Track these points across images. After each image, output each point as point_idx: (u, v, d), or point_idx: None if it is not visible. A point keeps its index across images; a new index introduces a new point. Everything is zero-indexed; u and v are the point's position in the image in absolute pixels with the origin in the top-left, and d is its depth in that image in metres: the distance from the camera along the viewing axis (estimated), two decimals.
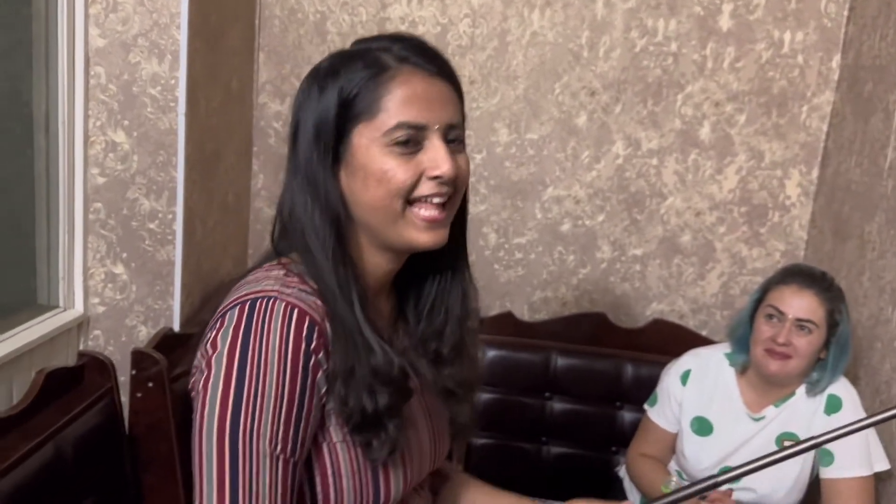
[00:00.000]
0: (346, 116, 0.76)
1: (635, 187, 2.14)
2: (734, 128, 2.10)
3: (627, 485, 1.78)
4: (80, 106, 1.65)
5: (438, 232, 0.77)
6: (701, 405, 1.61)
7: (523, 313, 2.21)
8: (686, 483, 1.00)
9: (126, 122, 1.68)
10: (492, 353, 1.99)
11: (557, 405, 2.03)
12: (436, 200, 0.76)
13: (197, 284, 1.82)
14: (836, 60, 2.04)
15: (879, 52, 1.81)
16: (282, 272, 0.76)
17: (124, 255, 1.73)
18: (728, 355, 1.62)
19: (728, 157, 2.12)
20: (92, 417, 1.36)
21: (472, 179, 2.18)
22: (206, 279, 1.89)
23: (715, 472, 1.57)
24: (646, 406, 1.70)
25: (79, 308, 1.73)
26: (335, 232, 0.76)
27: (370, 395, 0.71)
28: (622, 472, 1.84)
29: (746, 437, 1.57)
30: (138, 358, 1.44)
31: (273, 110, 2.15)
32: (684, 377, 1.63)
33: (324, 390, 0.71)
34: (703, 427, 1.60)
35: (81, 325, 1.74)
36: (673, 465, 1.68)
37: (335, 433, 0.74)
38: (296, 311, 0.71)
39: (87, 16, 1.62)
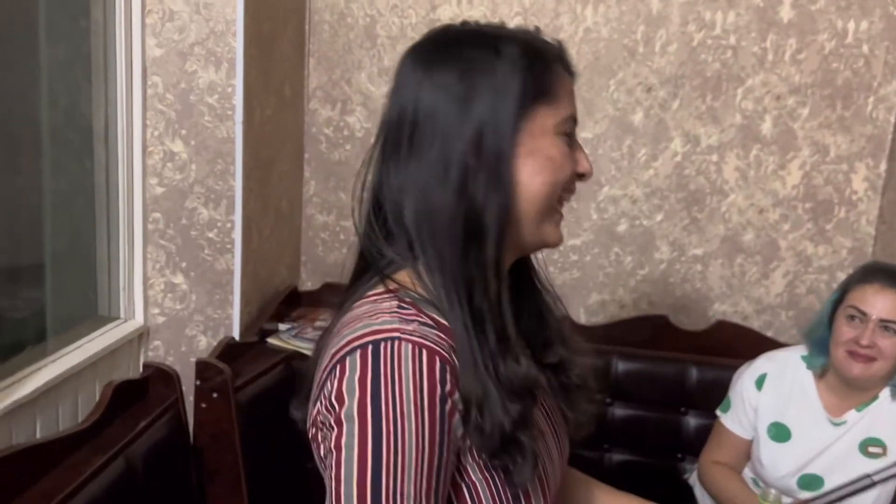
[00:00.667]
0: (533, 93, 0.69)
1: (695, 185, 2.08)
2: (797, 121, 2.03)
3: (699, 492, 1.72)
4: (139, 116, 1.65)
5: (561, 230, 0.76)
6: (778, 410, 1.55)
7: (580, 317, 2.16)
8: (778, 492, 0.94)
9: (184, 132, 1.68)
10: None
11: (619, 411, 1.97)
12: (566, 198, 0.75)
13: (254, 293, 1.81)
14: None
15: None
16: (394, 303, 0.67)
17: (183, 264, 1.73)
18: (805, 358, 1.55)
19: (791, 152, 2.04)
20: (158, 429, 1.35)
21: None
22: (263, 288, 1.87)
23: (794, 479, 1.51)
24: (718, 412, 1.64)
25: (139, 319, 1.73)
26: (500, 232, 0.68)
27: (504, 411, 0.65)
28: (692, 479, 1.78)
29: (827, 443, 1.50)
30: (202, 368, 1.43)
31: (324, 116, 2.13)
32: (759, 381, 1.57)
33: (461, 432, 0.65)
34: (780, 433, 1.54)
35: (142, 336, 1.74)
36: (748, 473, 1.62)
37: (473, 471, 0.67)
38: (424, 351, 0.63)
39: (143, 25, 1.62)
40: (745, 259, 2.10)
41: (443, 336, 0.66)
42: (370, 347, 0.63)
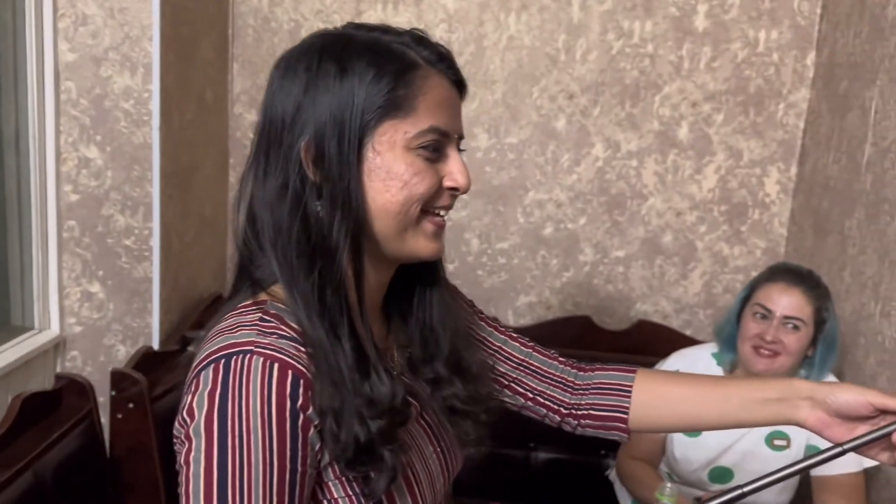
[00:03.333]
0: (378, 107, 0.68)
1: (616, 189, 2.14)
2: (712, 127, 2.11)
3: (618, 488, 1.78)
4: (51, 122, 1.62)
5: (441, 242, 0.75)
6: None
7: (508, 318, 2.21)
8: (675, 485, 0.99)
9: (99, 138, 1.66)
10: None
11: None
12: (443, 213, 0.74)
13: (176, 300, 1.79)
14: (811, 58, 2.06)
15: (854, 49, 1.84)
16: (258, 315, 0.67)
17: (100, 272, 1.70)
18: (715, 355, 1.62)
19: (707, 157, 2.13)
20: (72, 441, 1.34)
21: None
22: (185, 295, 1.86)
23: (705, 472, 1.58)
24: None
25: (55, 329, 1.69)
26: (353, 246, 0.68)
27: (361, 424, 0.65)
28: (612, 475, 1.84)
29: (736, 437, 1.58)
30: (118, 378, 1.42)
31: (249, 121, 2.12)
32: None
33: (318, 446, 0.65)
34: None
35: (58, 346, 1.71)
36: (663, 467, 1.68)
37: (335, 489, 0.68)
38: (276, 365, 0.63)
39: (55, 30, 1.60)
40: (665, 260, 2.18)
41: (303, 350, 0.66)
42: (223, 361, 0.63)
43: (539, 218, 2.17)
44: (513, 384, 0.92)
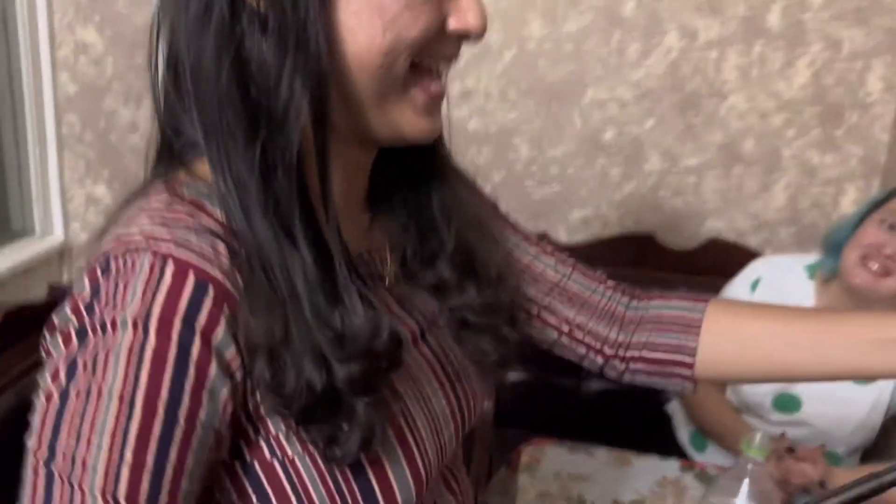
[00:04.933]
0: None
1: (691, 86, 1.88)
2: (808, 12, 1.82)
3: (677, 422, 1.61)
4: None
5: (437, 118, 0.56)
6: None
7: (559, 235, 2.01)
8: (766, 434, 0.81)
9: (97, 18, 1.47)
10: None
11: None
12: (444, 71, 0.55)
13: None
14: None
15: None
16: (164, 200, 0.50)
17: (105, 173, 1.55)
18: (809, 268, 1.40)
19: (800, 48, 1.85)
20: None
21: (501, 83, 1.98)
22: None
23: (770, 398, 1.39)
24: None
25: (58, 234, 1.57)
26: (315, 109, 0.48)
27: (319, 367, 0.47)
28: (670, 408, 1.67)
29: None
30: None
31: None
32: (754, 285, 1.42)
33: (224, 395, 0.47)
34: None
35: (63, 254, 1.58)
36: (730, 395, 1.50)
37: (290, 444, 0.50)
38: (170, 264, 0.46)
39: None
40: (744, 169, 1.93)
41: (229, 250, 0.48)
42: (100, 264, 0.47)
43: (599, 120, 1.93)
44: (543, 313, 0.72)
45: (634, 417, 1.79)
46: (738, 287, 1.43)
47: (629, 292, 0.75)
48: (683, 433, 1.55)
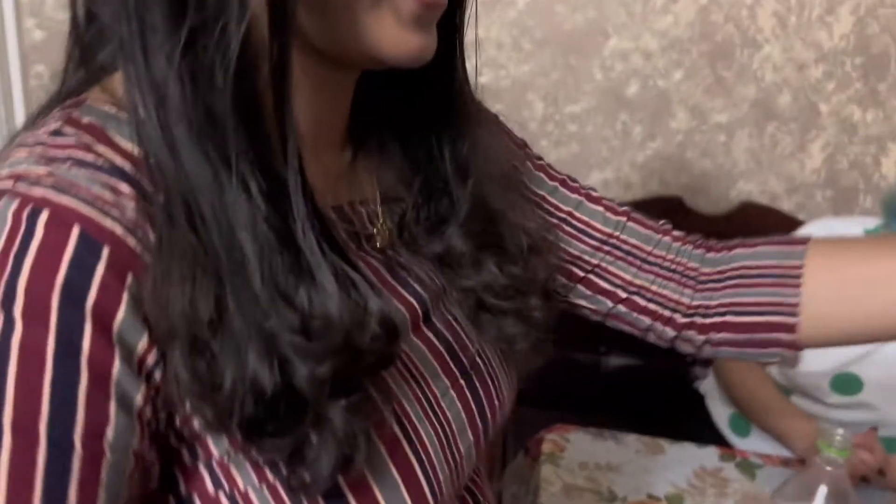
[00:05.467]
0: None
1: (722, 35, 1.73)
2: None
3: (711, 401, 1.49)
4: None
5: (430, 35, 0.42)
6: None
7: None
8: (847, 433, 0.68)
9: None
10: None
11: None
12: None
13: None
14: None
15: None
16: (57, 126, 0.36)
17: None
18: (871, 231, 1.25)
19: None
20: None
21: (514, 32, 1.82)
22: None
23: (827, 379, 1.27)
24: None
25: None
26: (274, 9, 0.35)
27: (269, 360, 0.32)
28: (704, 386, 1.54)
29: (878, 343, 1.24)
30: None
31: None
32: None
33: (138, 399, 0.33)
34: None
35: None
36: (774, 372, 1.37)
37: (239, 471, 0.35)
38: (43, 214, 0.32)
39: None
40: (779, 127, 1.79)
41: (137, 192, 0.34)
42: None
43: (621, 73, 1.78)
44: (592, 276, 0.58)
45: (660, 396, 1.67)
46: None
47: (702, 243, 0.61)
48: (721, 415, 1.43)
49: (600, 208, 0.59)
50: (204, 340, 0.33)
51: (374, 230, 0.47)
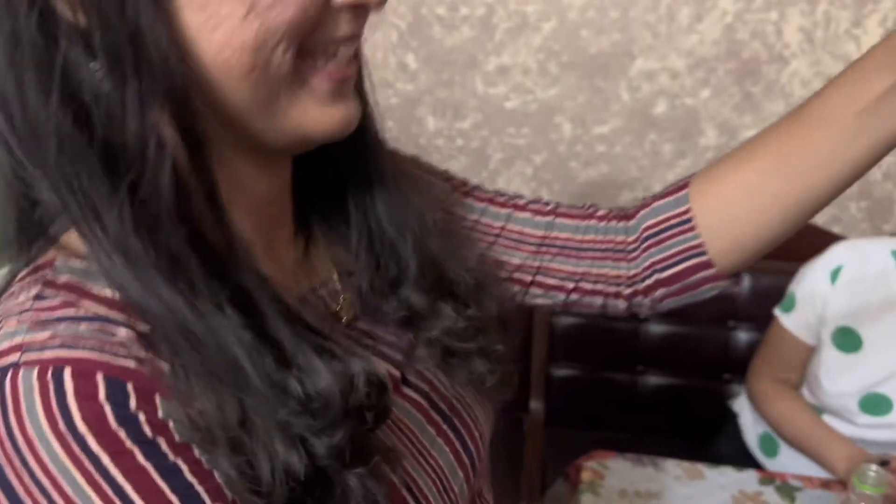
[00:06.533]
0: None
1: (749, 52, 1.74)
2: None
3: (744, 420, 1.50)
4: None
5: (350, 103, 0.44)
6: (850, 313, 1.29)
7: None
8: (881, 469, 0.70)
9: None
10: None
11: (655, 327, 1.73)
12: (346, 52, 0.42)
13: None
14: None
15: None
16: (34, 291, 0.39)
17: None
18: None
19: (869, 4, 1.69)
20: None
21: (540, 57, 1.85)
22: None
23: (856, 399, 1.27)
24: (777, 312, 1.37)
25: None
26: (185, 135, 0.38)
27: (292, 446, 0.37)
28: (737, 405, 1.55)
29: None
30: None
31: None
32: (834, 274, 1.29)
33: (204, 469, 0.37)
34: (848, 341, 1.28)
35: None
36: (805, 394, 1.38)
37: None
38: (68, 372, 0.36)
39: None
40: None
41: (135, 333, 0.38)
42: None
43: (648, 93, 1.80)
44: (539, 279, 0.62)
45: (695, 415, 1.68)
46: (817, 275, 1.31)
47: (619, 214, 0.64)
48: (751, 435, 1.44)
49: (528, 214, 0.63)
50: (239, 439, 0.36)
51: (338, 307, 0.50)
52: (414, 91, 1.85)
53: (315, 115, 0.42)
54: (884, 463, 1.07)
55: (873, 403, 1.25)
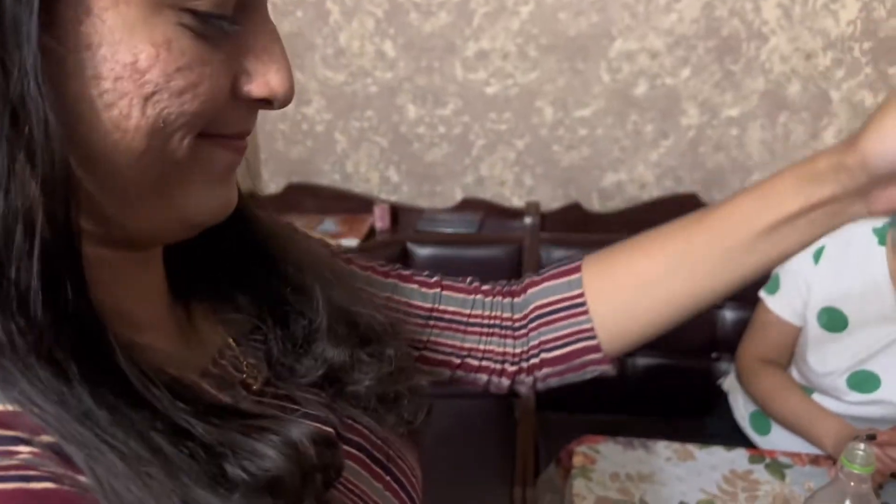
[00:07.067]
0: None
1: (728, 29, 1.74)
2: None
3: (734, 399, 1.51)
4: None
5: (234, 187, 0.40)
6: (834, 293, 1.29)
7: (592, 203, 1.89)
8: (870, 447, 0.70)
9: None
10: (558, 254, 1.69)
11: None
12: (241, 141, 0.39)
13: None
14: None
15: None
16: None
17: None
18: (878, 231, 1.27)
19: None
20: None
21: (519, 41, 1.84)
22: None
23: (843, 378, 1.29)
24: (763, 294, 1.38)
25: None
26: (62, 233, 0.33)
27: None
28: (727, 384, 1.56)
29: (894, 338, 1.26)
30: None
31: None
32: (817, 255, 1.30)
33: None
34: (834, 321, 1.29)
35: None
36: (794, 372, 1.39)
37: None
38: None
39: None
40: (790, 117, 1.79)
41: (32, 448, 0.32)
42: None
43: (628, 74, 1.79)
44: (426, 353, 0.60)
45: (685, 394, 1.69)
46: (800, 256, 1.31)
47: (505, 291, 0.64)
48: (742, 414, 1.45)
49: (414, 285, 0.61)
50: None
51: (244, 376, 0.46)
52: (393, 79, 1.83)
53: (201, 198, 0.38)
54: (871, 437, 1.08)
55: (861, 381, 1.26)
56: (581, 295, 0.59)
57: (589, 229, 1.81)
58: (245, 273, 0.47)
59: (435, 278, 0.62)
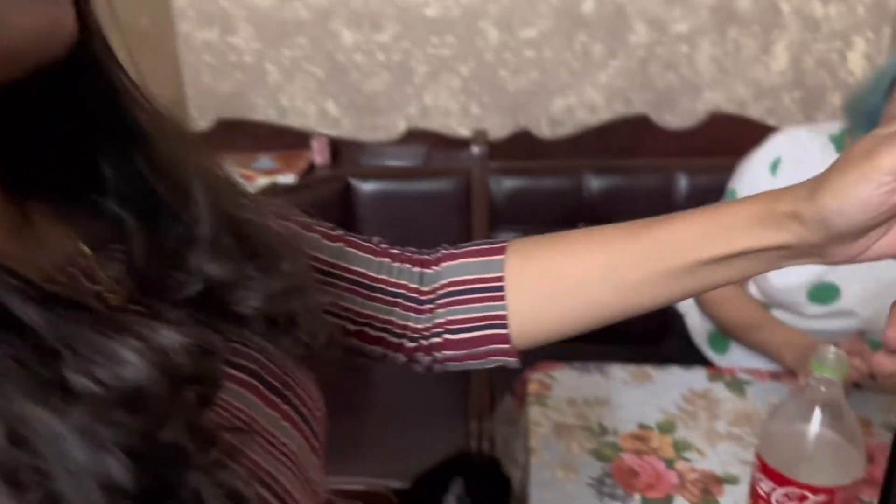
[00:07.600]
0: None
1: None
2: None
3: (692, 320, 1.48)
4: None
5: (62, 6, 0.31)
6: None
7: (542, 129, 1.82)
8: (839, 352, 0.66)
9: None
10: (508, 184, 1.62)
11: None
12: None
13: None
14: None
15: None
16: None
17: None
18: (836, 139, 1.23)
19: None
20: None
21: None
22: None
23: (804, 291, 1.26)
24: None
25: None
26: None
27: (103, 453, 0.25)
28: (683, 306, 1.53)
29: None
30: None
31: None
32: (773, 166, 1.25)
33: None
34: None
35: None
36: (753, 290, 1.36)
37: None
38: None
39: None
40: (741, 31, 1.74)
41: None
42: None
43: None
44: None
45: (640, 318, 1.67)
46: (756, 170, 1.27)
47: (415, 258, 0.57)
48: (699, 334, 1.42)
49: (317, 235, 0.54)
50: (17, 464, 0.25)
51: (100, 288, 0.38)
52: (325, 2, 1.72)
53: (12, 6, 0.29)
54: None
55: (821, 292, 1.24)
56: (500, 279, 0.54)
57: (539, 157, 1.74)
58: (104, 158, 0.38)
59: (338, 231, 0.55)
